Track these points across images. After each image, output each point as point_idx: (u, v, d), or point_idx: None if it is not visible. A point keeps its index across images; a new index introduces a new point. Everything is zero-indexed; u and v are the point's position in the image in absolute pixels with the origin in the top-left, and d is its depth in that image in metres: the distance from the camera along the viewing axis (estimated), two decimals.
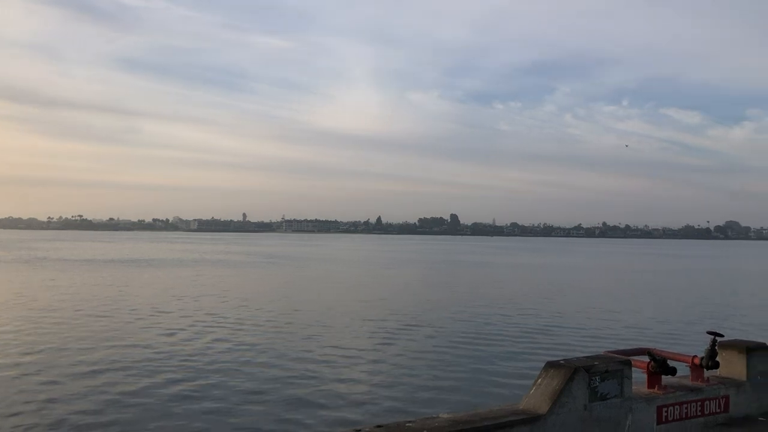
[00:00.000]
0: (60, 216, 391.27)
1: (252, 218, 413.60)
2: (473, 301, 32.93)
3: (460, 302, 32.41)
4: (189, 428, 11.65)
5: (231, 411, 12.63)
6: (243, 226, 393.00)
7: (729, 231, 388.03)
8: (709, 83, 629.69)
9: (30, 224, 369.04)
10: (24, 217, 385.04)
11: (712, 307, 32.20)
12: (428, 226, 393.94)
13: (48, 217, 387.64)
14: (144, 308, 28.11)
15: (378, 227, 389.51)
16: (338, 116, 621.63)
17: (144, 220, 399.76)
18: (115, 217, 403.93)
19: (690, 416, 6.36)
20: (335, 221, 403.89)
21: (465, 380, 15.42)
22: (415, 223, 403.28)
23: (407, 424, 5.06)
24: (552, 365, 5.75)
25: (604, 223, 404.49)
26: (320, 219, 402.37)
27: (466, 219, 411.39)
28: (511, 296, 35.80)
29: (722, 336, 6.92)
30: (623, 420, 5.82)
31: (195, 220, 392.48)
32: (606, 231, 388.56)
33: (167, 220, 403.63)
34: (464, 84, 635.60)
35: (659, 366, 6.37)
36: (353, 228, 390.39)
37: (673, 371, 6.44)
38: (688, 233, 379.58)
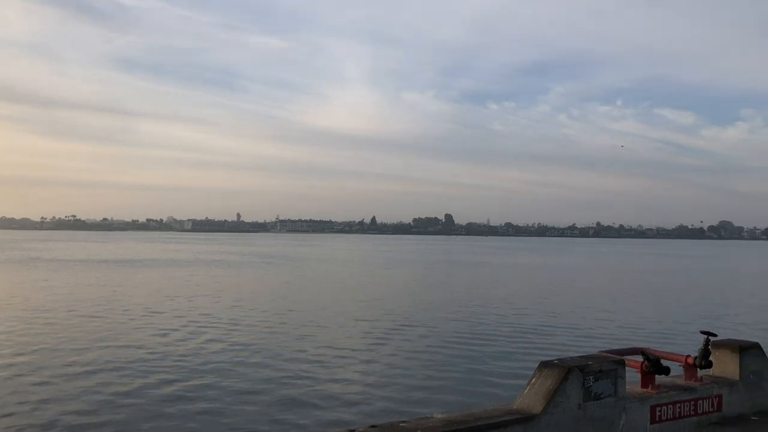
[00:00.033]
0: (53, 216, 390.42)
1: (246, 218, 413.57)
2: (468, 301, 32.96)
3: (456, 302, 32.44)
4: (183, 428, 11.61)
5: (225, 411, 12.60)
6: (237, 226, 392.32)
7: (722, 231, 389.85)
8: (703, 83, 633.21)
9: (23, 224, 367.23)
10: (17, 217, 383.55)
11: (706, 307, 32.33)
12: (423, 226, 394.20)
13: (41, 218, 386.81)
14: (137, 308, 28.00)
15: (372, 227, 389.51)
16: (333, 116, 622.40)
17: (138, 221, 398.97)
18: (109, 217, 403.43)
19: (683, 415, 6.38)
20: (330, 221, 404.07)
21: (459, 380, 15.43)
22: (410, 223, 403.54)
23: (401, 424, 5.05)
24: (546, 365, 5.76)
25: (598, 223, 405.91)
26: (315, 219, 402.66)
27: (461, 219, 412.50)
28: (506, 296, 35.84)
29: (715, 335, 6.95)
30: (617, 419, 5.84)
31: (189, 220, 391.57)
32: (600, 231, 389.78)
33: (161, 220, 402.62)
34: (459, 84, 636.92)
35: (653, 365, 6.39)
36: (348, 228, 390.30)
37: (667, 371, 6.45)
38: (682, 233, 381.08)
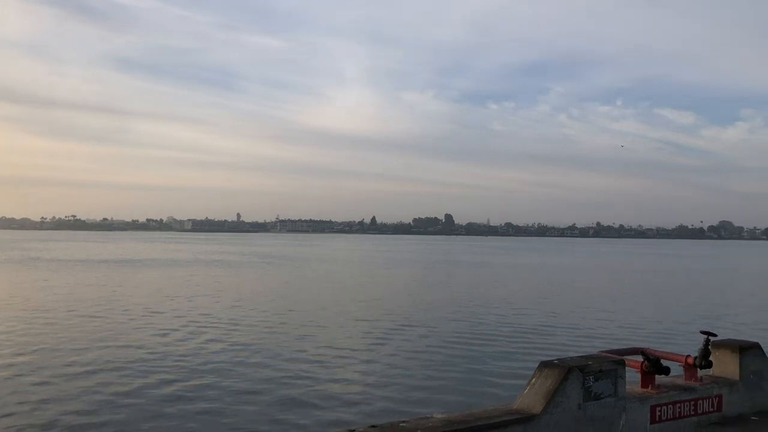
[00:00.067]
0: (53, 216, 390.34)
1: (246, 218, 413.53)
2: (468, 301, 32.96)
3: (456, 302, 32.44)
4: (183, 428, 11.61)
5: (225, 411, 12.60)
6: (237, 226, 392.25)
7: (722, 231, 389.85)
8: (703, 83, 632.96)
9: (23, 224, 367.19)
10: (17, 217, 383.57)
11: (705, 307, 32.32)
12: (423, 226, 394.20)
13: (41, 218, 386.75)
14: (137, 308, 28.00)
15: (372, 227, 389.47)
16: (332, 116, 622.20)
17: (138, 220, 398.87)
18: (109, 217, 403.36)
19: (683, 415, 6.38)
20: (330, 221, 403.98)
21: (459, 380, 15.43)
22: (410, 223, 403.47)
23: (401, 424, 5.05)
24: (546, 365, 5.76)
25: (598, 223, 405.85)
26: (315, 219, 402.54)
27: (461, 219, 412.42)
28: (506, 296, 35.83)
29: (715, 335, 6.95)
30: (617, 419, 5.83)
31: (189, 220, 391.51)
32: (600, 231, 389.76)
33: (161, 220, 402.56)
34: (459, 84, 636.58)
35: (653, 365, 6.39)
36: (348, 228, 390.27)
37: (667, 371, 6.45)
38: (682, 233, 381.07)
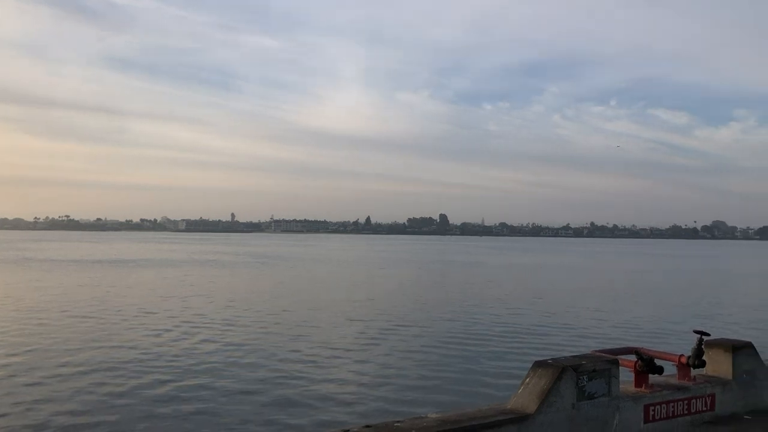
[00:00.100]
0: (47, 216, 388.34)
1: (241, 218, 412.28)
2: (463, 301, 33.00)
3: (450, 302, 32.46)
4: (177, 429, 11.58)
5: (219, 411, 12.57)
6: (231, 227, 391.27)
7: (716, 231, 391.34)
8: (697, 84, 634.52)
9: (16, 224, 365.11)
10: (10, 218, 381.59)
11: (699, 307, 32.45)
12: (417, 226, 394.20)
13: (34, 218, 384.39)
14: (131, 309, 27.92)
15: (367, 227, 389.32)
16: (329, 116, 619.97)
17: (132, 221, 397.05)
18: (103, 218, 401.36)
19: (677, 415, 6.40)
20: (324, 221, 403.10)
21: (453, 380, 15.44)
22: (405, 224, 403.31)
23: (396, 424, 5.05)
24: (540, 365, 5.77)
25: (592, 223, 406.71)
26: (309, 219, 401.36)
27: (455, 219, 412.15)
28: (501, 296, 35.88)
29: (709, 335, 6.97)
30: (611, 419, 5.85)
31: (183, 221, 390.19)
32: (594, 231, 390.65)
33: (155, 221, 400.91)
34: (454, 84, 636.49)
35: (646, 365, 6.41)
36: (342, 228, 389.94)
37: (660, 370, 6.48)
38: (676, 233, 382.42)
